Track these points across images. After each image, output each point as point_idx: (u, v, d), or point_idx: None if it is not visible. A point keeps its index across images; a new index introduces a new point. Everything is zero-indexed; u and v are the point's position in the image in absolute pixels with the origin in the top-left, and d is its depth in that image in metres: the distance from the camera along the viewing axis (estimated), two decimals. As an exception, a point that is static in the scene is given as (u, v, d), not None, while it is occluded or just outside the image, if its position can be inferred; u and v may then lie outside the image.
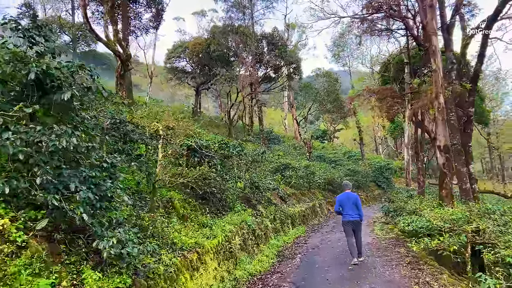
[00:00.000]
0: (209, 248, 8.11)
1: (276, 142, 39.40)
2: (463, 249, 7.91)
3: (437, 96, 10.80)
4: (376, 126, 66.60)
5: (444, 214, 8.48)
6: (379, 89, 18.90)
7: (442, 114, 10.80)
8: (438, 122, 10.80)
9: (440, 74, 10.93)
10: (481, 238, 7.55)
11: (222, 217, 11.17)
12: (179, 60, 43.43)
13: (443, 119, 10.81)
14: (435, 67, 10.96)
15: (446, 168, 10.54)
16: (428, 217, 8.81)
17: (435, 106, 10.87)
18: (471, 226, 7.85)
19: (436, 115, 10.89)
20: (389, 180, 40.93)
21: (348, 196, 9.71)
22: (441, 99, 10.83)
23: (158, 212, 8.02)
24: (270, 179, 18.53)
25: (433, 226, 8.83)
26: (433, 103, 11.02)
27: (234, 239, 9.96)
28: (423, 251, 8.95)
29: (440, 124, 10.77)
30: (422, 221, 9.06)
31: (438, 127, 10.80)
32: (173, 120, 7.72)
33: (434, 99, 10.91)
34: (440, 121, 10.79)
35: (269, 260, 10.60)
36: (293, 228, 16.62)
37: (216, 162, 12.21)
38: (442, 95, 10.87)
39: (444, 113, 10.99)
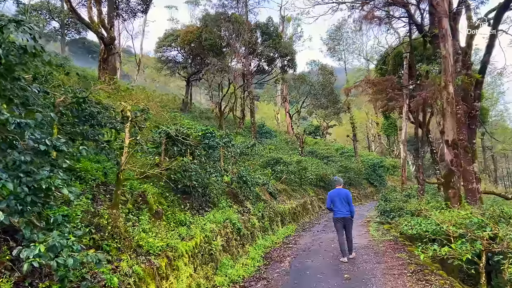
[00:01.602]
0: (184, 251, 6.96)
1: (268, 136, 38.32)
2: (476, 258, 6.86)
3: (446, 86, 9.72)
4: (369, 123, 65.90)
5: (455, 217, 7.41)
6: (379, 80, 17.83)
7: (451, 105, 9.72)
8: (447, 115, 9.72)
9: (450, 61, 9.84)
10: (499, 246, 6.49)
11: (204, 214, 10.03)
12: (170, 49, 42.07)
13: (452, 111, 9.73)
14: (444, 52, 9.86)
15: (455, 165, 9.49)
16: (436, 220, 7.74)
17: (444, 97, 9.78)
18: (487, 232, 6.78)
19: (444, 107, 9.81)
20: (382, 178, 40.14)
21: (339, 192, 9.69)
22: (450, 89, 9.75)
23: (125, 208, 6.85)
24: (260, 173, 17.42)
25: (441, 230, 7.78)
26: (441, 93, 9.93)
27: (215, 240, 8.82)
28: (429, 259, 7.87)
29: (448, 117, 9.68)
30: (430, 224, 7.99)
31: (446, 120, 9.73)
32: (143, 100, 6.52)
33: (442, 89, 9.82)
34: (448, 113, 9.70)
35: (254, 264, 9.47)
36: (283, 227, 15.53)
37: (200, 153, 11.06)
38: (451, 84, 9.78)
39: (454, 104, 9.90)
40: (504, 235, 6.62)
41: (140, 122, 6.99)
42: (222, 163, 13.49)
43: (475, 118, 13.32)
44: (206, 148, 10.89)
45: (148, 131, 11.11)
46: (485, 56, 13.59)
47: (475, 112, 13.21)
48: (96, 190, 7.03)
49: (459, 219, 7.51)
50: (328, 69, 39.14)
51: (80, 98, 7.02)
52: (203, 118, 37.73)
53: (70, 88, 6.93)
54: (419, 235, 8.70)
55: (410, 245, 10.76)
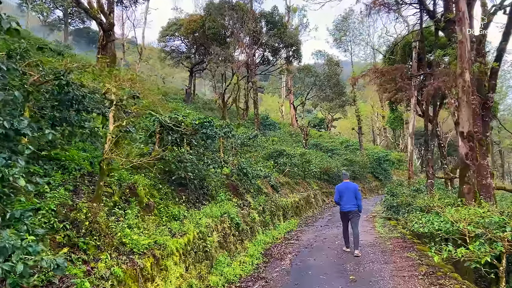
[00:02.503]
0: (175, 249, 6.36)
1: (272, 128, 37.65)
2: (496, 261, 6.22)
3: (462, 73, 8.99)
4: (375, 116, 64.96)
5: (472, 215, 6.75)
6: (388, 69, 17.05)
7: (467, 94, 9.00)
8: (462, 104, 9.01)
9: (467, 46, 9.10)
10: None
11: (201, 207, 9.44)
12: (173, 38, 41.37)
13: (468, 101, 9.01)
14: (461, 37, 9.12)
15: (470, 159, 8.80)
16: (450, 218, 7.08)
17: (459, 85, 9.06)
18: (508, 233, 6.13)
19: (459, 96, 9.09)
20: (387, 172, 39.44)
21: (347, 186, 9.56)
22: (466, 76, 9.02)
23: (109, 201, 6.25)
24: (262, 165, 16.79)
25: (455, 229, 7.13)
26: (456, 81, 9.22)
27: (211, 236, 8.22)
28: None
29: (464, 106, 8.97)
30: (442, 223, 7.34)
31: (461, 110, 9.01)
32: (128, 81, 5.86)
33: (458, 76, 9.10)
34: (464, 102, 8.98)
35: (253, 261, 8.88)
36: (285, 221, 14.93)
37: (197, 143, 10.44)
38: (468, 71, 9.05)
39: (470, 93, 9.17)
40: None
41: (127, 106, 6.36)
42: (221, 154, 12.87)
43: (489, 110, 12.57)
44: (203, 138, 10.26)
45: (142, 119, 10.51)
46: (501, 43, 12.78)
47: (490, 104, 12.48)
48: (79, 181, 6.43)
49: (476, 217, 6.86)
50: (334, 60, 38.25)
51: (62, 80, 6.41)
52: (206, 109, 37.08)
53: (52, 68, 6.30)
54: (431, 234, 8.07)
55: (419, 243, 10.14)
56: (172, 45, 42.28)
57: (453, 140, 48.78)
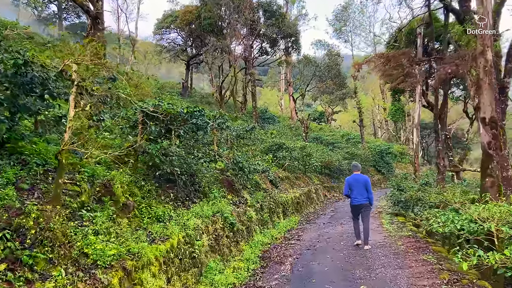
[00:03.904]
0: (153, 258, 5.36)
1: (271, 122, 36.62)
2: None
3: (484, 51, 7.94)
4: (376, 109, 63.83)
5: (504, 213, 5.75)
6: (394, 54, 15.99)
7: (489, 75, 7.95)
8: (484, 87, 7.97)
9: (489, 20, 8.04)
10: None
11: (190, 206, 8.44)
12: (169, 31, 40.30)
13: (490, 83, 7.97)
14: (482, 11, 8.08)
15: (493, 148, 7.79)
16: (476, 216, 6.09)
17: (480, 65, 8.01)
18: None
19: (480, 77, 8.04)
20: (390, 165, 38.47)
21: (357, 179, 9.20)
22: (488, 55, 7.98)
23: (74, 202, 5.23)
24: (260, 159, 15.79)
25: (480, 229, 6.13)
26: (476, 60, 8.18)
27: (200, 239, 7.22)
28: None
29: (486, 89, 7.92)
30: (465, 221, 6.34)
31: (483, 93, 7.98)
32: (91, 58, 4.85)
33: (479, 55, 8.06)
34: (486, 84, 7.94)
35: (249, 266, 7.88)
36: (285, 219, 13.94)
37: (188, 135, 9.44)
38: (490, 49, 8.02)
39: (492, 74, 8.14)
40: None
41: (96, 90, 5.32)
42: (215, 147, 11.86)
43: (506, 96, 11.57)
44: (194, 129, 9.24)
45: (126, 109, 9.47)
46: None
47: (506, 90, 11.46)
48: (41, 179, 5.42)
49: (508, 215, 5.86)
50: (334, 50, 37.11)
51: (18, 59, 5.38)
52: (204, 103, 36.07)
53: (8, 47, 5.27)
54: (450, 234, 7.08)
55: (434, 243, 9.14)
56: (168, 38, 41.31)
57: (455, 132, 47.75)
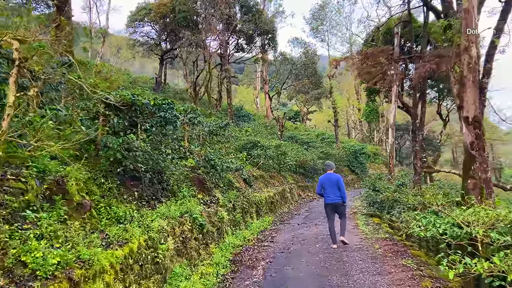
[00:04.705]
0: (107, 265, 4.73)
1: (246, 120, 36.13)
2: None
3: (468, 48, 7.64)
4: (350, 109, 64.26)
5: (490, 217, 5.40)
6: (373, 51, 15.73)
7: (473, 72, 7.66)
8: (467, 84, 7.66)
9: (474, 15, 7.74)
10: None
11: (156, 206, 7.80)
12: (142, 24, 39.13)
13: (474, 80, 7.67)
14: (466, 5, 7.76)
15: (476, 148, 7.50)
16: (459, 220, 5.73)
17: (464, 62, 7.70)
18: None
19: (464, 75, 7.73)
20: (363, 165, 38.65)
21: (329, 177, 9.25)
22: (473, 51, 7.69)
23: (15, 202, 4.54)
24: (234, 157, 15.23)
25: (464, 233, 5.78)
26: (460, 57, 7.87)
27: (165, 242, 6.61)
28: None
29: (470, 87, 7.62)
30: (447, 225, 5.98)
31: (466, 91, 7.67)
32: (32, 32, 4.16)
33: (463, 52, 7.75)
34: (470, 82, 7.64)
35: (219, 271, 7.32)
36: (258, 219, 13.44)
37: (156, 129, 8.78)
38: (475, 45, 7.74)
39: (477, 71, 7.87)
40: None
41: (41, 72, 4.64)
42: (186, 143, 11.24)
43: (484, 97, 11.41)
44: (161, 123, 8.60)
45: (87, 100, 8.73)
46: (499, 23, 11.60)
47: (485, 90, 11.29)
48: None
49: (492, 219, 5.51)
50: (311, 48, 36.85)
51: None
52: (177, 98, 35.17)
53: None
54: (432, 238, 6.72)
55: (412, 246, 8.82)
56: (141, 31, 40.14)
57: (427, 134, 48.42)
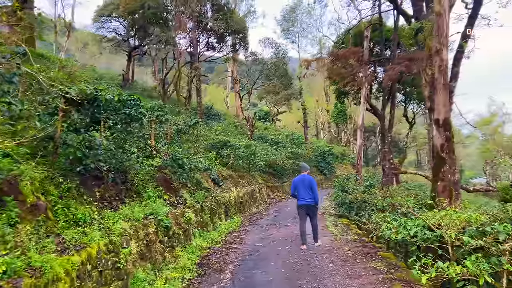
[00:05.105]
0: (62, 272, 4.36)
1: (216, 119, 35.69)
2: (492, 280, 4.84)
3: (440, 50, 7.67)
4: (319, 111, 64.89)
5: (461, 220, 5.36)
6: (344, 52, 15.75)
7: (444, 75, 7.70)
8: (439, 87, 7.69)
9: (446, 18, 7.78)
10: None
11: (119, 207, 7.41)
12: (110, 19, 37.98)
13: (445, 83, 7.71)
14: (438, 8, 7.80)
15: (446, 151, 7.54)
16: (430, 223, 5.68)
17: (435, 64, 7.72)
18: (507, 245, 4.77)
19: (436, 77, 7.77)
20: (331, 166, 39.05)
21: (303, 179, 9.30)
22: (444, 54, 7.73)
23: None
24: (202, 157, 14.90)
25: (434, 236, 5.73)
26: (432, 59, 7.91)
27: (127, 246, 6.26)
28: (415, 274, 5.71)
29: (441, 89, 7.66)
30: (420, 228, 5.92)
31: (438, 93, 7.69)
32: None
33: (434, 54, 7.78)
34: (441, 85, 7.68)
35: (185, 276, 7.01)
36: (227, 220, 13.18)
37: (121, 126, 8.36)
38: (446, 48, 7.79)
39: (447, 74, 7.94)
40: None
41: None
42: (152, 142, 10.84)
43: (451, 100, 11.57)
44: (126, 119, 8.20)
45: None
46: (466, 28, 11.83)
47: (452, 94, 11.46)
48: None
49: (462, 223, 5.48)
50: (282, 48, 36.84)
51: None
52: (145, 96, 34.33)
53: None
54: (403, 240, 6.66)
55: (381, 248, 8.80)
56: (109, 27, 38.97)
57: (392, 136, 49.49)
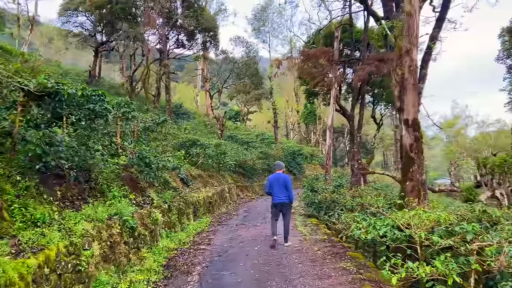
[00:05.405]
0: (16, 277, 4.07)
1: (185, 118, 35.22)
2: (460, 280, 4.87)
3: (410, 50, 7.75)
4: (289, 111, 65.28)
5: (430, 220, 5.39)
6: (315, 52, 15.79)
7: (414, 75, 7.80)
8: (408, 87, 7.78)
9: (416, 19, 7.85)
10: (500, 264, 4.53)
11: (82, 207, 7.07)
12: (76, 13, 36.75)
13: (415, 83, 7.81)
14: (409, 8, 7.87)
15: (415, 151, 7.62)
16: (400, 222, 5.69)
17: (405, 65, 7.81)
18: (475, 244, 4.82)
19: (406, 77, 7.85)
20: (301, 166, 39.31)
21: (278, 177, 9.32)
22: (414, 54, 7.82)
23: None
24: (171, 155, 14.58)
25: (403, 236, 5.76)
26: (402, 59, 7.99)
27: (89, 247, 5.96)
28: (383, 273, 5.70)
29: (410, 89, 7.75)
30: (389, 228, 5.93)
31: (407, 93, 7.78)
32: None
33: (404, 54, 7.86)
34: (410, 85, 7.77)
35: (150, 278, 6.76)
36: (195, 220, 12.95)
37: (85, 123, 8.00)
38: (416, 48, 7.88)
39: (417, 75, 8.04)
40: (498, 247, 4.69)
41: None
42: (118, 139, 10.48)
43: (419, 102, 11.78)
44: (90, 115, 7.85)
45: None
46: (434, 30, 12.07)
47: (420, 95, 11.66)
48: None
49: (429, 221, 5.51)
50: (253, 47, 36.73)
51: None
52: (113, 93, 33.45)
53: None
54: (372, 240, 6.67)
55: (350, 247, 8.82)
56: (75, 21, 37.71)
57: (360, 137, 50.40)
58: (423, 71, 11.86)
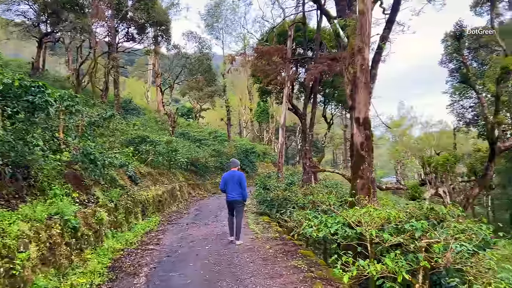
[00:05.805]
0: None
1: (135, 114, 34.15)
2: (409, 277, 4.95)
3: (362, 49, 7.86)
4: (242, 109, 65.30)
5: (380, 217, 5.45)
6: (268, 49, 15.76)
7: (365, 74, 7.92)
8: (360, 86, 7.89)
9: (369, 17, 7.98)
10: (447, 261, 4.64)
11: (18, 207, 6.55)
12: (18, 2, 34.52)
13: (366, 82, 7.94)
14: (362, 7, 7.97)
15: (365, 149, 7.74)
16: (350, 220, 5.72)
17: (357, 63, 7.91)
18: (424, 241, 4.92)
19: (357, 76, 7.96)
20: (254, 164, 39.40)
21: (232, 175, 9.39)
22: (366, 53, 7.95)
23: None
24: (118, 152, 14.00)
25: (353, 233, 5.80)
26: (354, 58, 8.09)
27: (25, 250, 5.50)
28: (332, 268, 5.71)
29: (362, 88, 7.86)
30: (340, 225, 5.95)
31: (359, 92, 7.89)
32: None
33: (356, 53, 7.96)
34: (362, 84, 7.88)
35: (93, 281, 6.37)
36: (144, 219, 12.51)
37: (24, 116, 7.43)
38: (368, 47, 8.01)
39: (369, 73, 8.17)
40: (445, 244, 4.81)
41: None
42: (61, 134, 9.88)
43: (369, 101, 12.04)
44: (29, 108, 7.30)
45: None
46: (384, 31, 12.37)
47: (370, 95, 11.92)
48: None
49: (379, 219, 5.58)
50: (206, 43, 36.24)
51: None
52: (57, 86, 31.79)
53: None
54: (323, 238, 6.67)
55: (301, 245, 8.84)
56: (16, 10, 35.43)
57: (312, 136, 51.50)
58: (373, 71, 12.12)
